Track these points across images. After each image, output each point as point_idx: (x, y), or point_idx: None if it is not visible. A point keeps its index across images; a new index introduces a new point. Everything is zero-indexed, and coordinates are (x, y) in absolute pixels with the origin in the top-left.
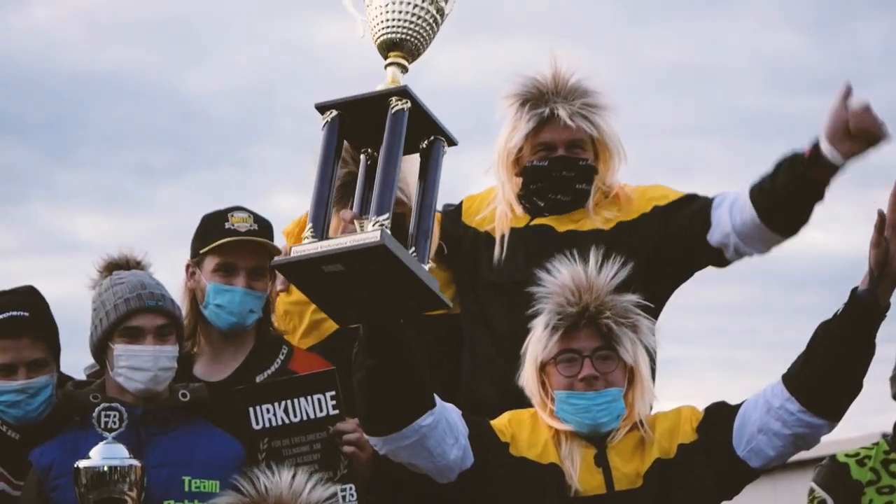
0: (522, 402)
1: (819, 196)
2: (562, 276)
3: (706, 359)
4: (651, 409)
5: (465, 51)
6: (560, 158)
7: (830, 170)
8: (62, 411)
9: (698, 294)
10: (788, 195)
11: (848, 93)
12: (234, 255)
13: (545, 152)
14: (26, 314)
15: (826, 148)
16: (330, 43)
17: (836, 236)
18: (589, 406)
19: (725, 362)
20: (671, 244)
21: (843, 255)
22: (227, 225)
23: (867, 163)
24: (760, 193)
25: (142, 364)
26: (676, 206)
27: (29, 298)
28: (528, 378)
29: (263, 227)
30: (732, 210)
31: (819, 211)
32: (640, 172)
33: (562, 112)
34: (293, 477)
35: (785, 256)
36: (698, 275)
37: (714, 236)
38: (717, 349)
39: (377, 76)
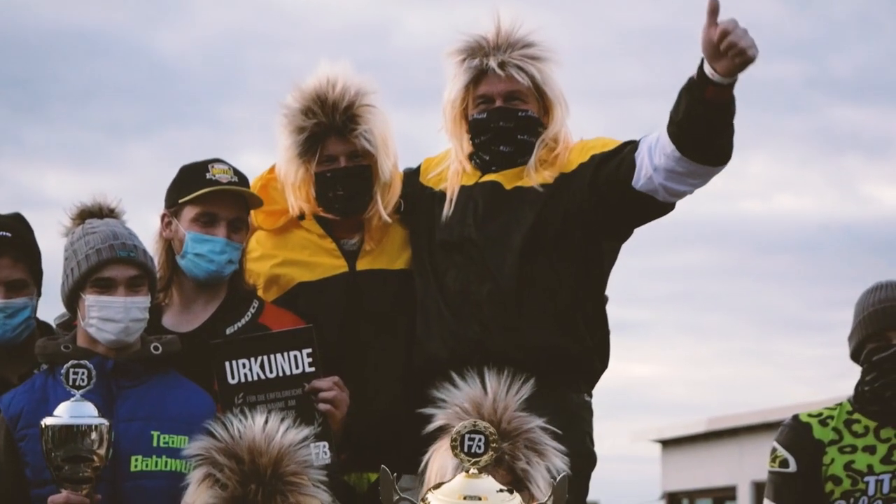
0: (471, 359)
1: (724, 115)
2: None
3: (674, 323)
4: None
5: (438, 12)
6: (497, 109)
7: (720, 88)
8: (41, 361)
9: (667, 258)
10: (693, 120)
11: (714, 10)
12: (215, 205)
13: (484, 105)
14: (9, 234)
15: (707, 69)
16: (302, 2)
17: (807, 201)
18: None
19: (694, 326)
20: (603, 193)
21: (813, 220)
22: (208, 175)
23: (838, 129)
24: (671, 125)
25: (113, 315)
26: (610, 153)
27: (13, 221)
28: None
29: (242, 179)
30: (652, 151)
31: (790, 176)
32: (614, 136)
33: (492, 62)
34: (266, 421)
35: (755, 220)
36: (667, 237)
37: (639, 182)
38: (685, 313)
39: (347, 37)
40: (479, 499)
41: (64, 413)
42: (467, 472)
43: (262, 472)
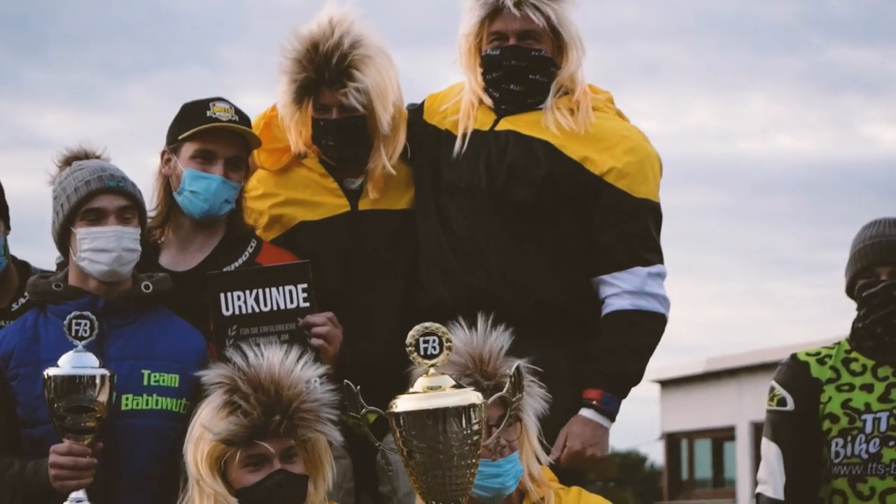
0: (475, 304)
1: None
2: (455, 350)
3: (672, 264)
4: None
5: None
6: (510, 48)
7: None
8: (32, 299)
9: (665, 198)
10: None
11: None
12: (214, 142)
13: (498, 42)
14: None
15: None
16: None
17: (805, 141)
18: (499, 472)
19: (692, 267)
20: (587, 226)
21: (811, 160)
22: (208, 113)
23: (837, 69)
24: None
25: (105, 245)
26: (622, 216)
27: None
28: None
29: (243, 118)
30: (602, 291)
31: (788, 115)
32: (610, 76)
33: (508, 0)
34: (285, 353)
35: (753, 160)
36: (665, 178)
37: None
38: (684, 254)
39: None
40: (441, 387)
41: (66, 363)
42: (427, 374)
43: (285, 405)
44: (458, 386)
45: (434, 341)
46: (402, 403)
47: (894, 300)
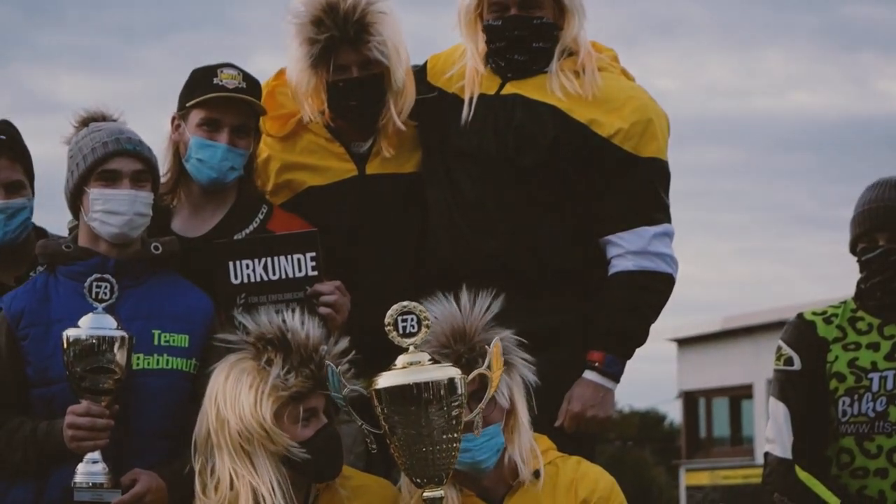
0: (485, 270)
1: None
2: (436, 322)
3: (689, 221)
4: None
5: None
6: (512, 17)
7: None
8: (41, 261)
9: (681, 156)
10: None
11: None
12: (219, 110)
13: (499, 12)
14: (3, 137)
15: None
16: None
17: (823, 98)
18: (468, 447)
19: (708, 225)
20: (596, 188)
21: (828, 117)
22: (215, 80)
23: (855, 25)
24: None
25: (117, 208)
26: (629, 176)
27: (4, 125)
28: None
29: (252, 85)
30: (608, 251)
31: (804, 72)
32: (627, 33)
33: None
34: (300, 317)
35: (770, 117)
36: (680, 136)
37: (603, 245)
38: (700, 212)
39: None
40: (420, 363)
41: (86, 325)
42: (406, 350)
43: (323, 361)
44: (436, 361)
45: (412, 320)
46: (383, 380)
47: (892, 265)
